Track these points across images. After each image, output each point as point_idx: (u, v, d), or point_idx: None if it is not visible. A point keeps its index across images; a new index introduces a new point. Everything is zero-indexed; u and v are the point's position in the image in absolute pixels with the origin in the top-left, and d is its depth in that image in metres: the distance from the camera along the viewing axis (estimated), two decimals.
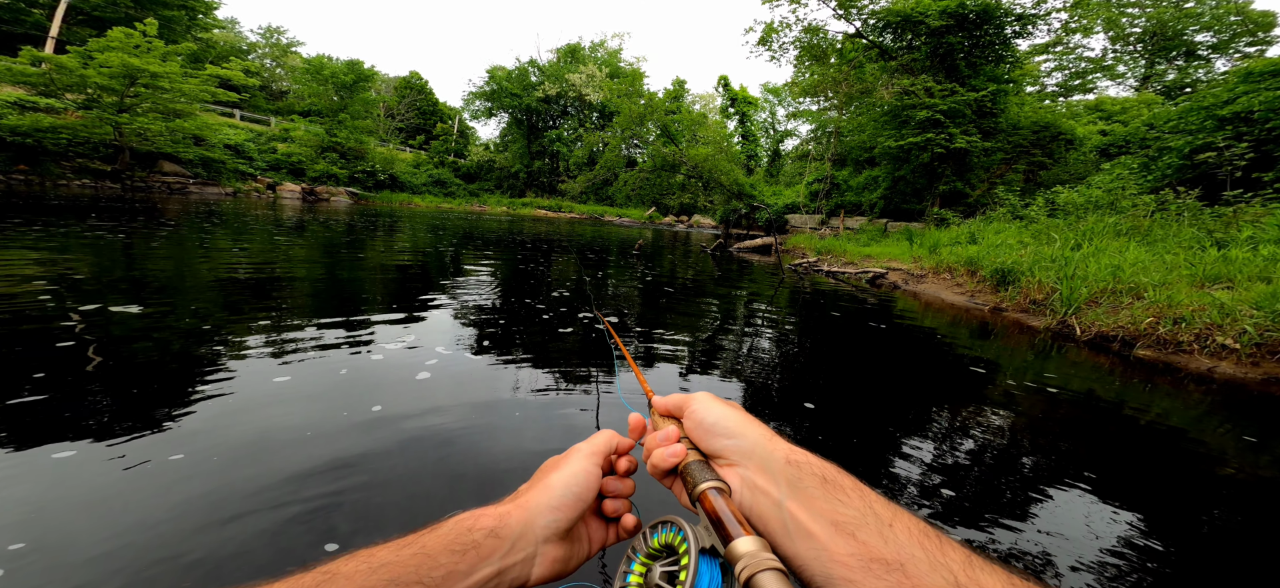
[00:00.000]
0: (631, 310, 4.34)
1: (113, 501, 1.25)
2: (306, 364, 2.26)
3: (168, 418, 1.67)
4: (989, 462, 1.99)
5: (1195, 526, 1.64)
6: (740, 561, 0.30)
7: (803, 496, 0.35)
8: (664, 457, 0.43)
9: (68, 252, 4.37)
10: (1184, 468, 2.09)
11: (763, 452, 0.39)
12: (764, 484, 0.37)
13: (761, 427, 0.41)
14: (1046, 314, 4.90)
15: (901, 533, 0.31)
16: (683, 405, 0.46)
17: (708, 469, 0.40)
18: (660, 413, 0.49)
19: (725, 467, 0.41)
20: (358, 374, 2.21)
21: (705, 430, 0.43)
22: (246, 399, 1.86)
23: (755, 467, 0.39)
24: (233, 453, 1.50)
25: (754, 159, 36.89)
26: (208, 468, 1.42)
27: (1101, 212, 7.67)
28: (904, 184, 15.18)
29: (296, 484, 1.36)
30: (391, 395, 2.01)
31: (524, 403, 2.08)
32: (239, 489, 1.33)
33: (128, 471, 1.37)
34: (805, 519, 0.34)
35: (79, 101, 15.11)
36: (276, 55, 37.95)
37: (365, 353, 2.49)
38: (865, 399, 2.62)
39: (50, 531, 1.14)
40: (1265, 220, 5.77)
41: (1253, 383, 3.30)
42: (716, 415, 0.43)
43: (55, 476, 1.33)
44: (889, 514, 0.33)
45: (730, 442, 0.41)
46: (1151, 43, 24.25)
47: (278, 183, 21.83)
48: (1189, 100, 11.08)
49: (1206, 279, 4.56)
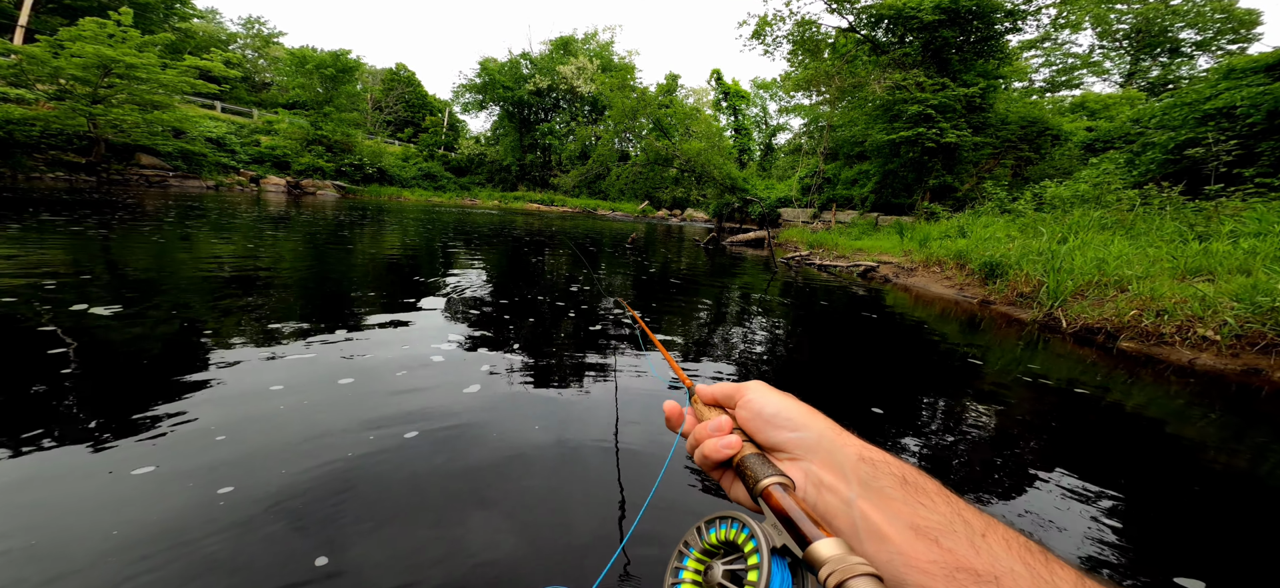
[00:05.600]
0: (630, 302, 4.31)
1: (115, 507, 1.19)
2: (300, 365, 2.20)
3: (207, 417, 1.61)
4: (976, 451, 2.00)
5: (1173, 513, 1.66)
6: (825, 565, 0.27)
7: (877, 496, 0.32)
8: (717, 448, 0.39)
9: (47, 248, 4.21)
10: (1164, 458, 2.12)
11: (831, 446, 0.36)
12: (832, 481, 0.35)
13: (827, 420, 0.38)
14: (1034, 307, 4.96)
15: (996, 544, 0.28)
16: (734, 395, 0.43)
17: (768, 463, 0.37)
18: (706, 402, 0.46)
19: (786, 461, 0.38)
20: (370, 363, 2.15)
21: (763, 422, 0.40)
22: (253, 395, 1.80)
23: (822, 462, 0.36)
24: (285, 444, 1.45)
25: (747, 153, 36.90)
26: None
27: (1087, 206, 7.77)
28: (895, 178, 15.28)
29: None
30: (410, 383, 1.96)
31: (535, 396, 2.04)
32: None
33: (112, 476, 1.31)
34: (879, 521, 0.31)
35: (51, 92, 14.59)
36: (258, 46, 37.01)
37: (365, 351, 2.43)
38: (857, 389, 2.62)
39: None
40: (1245, 214, 5.89)
41: (1232, 374, 3.36)
42: (777, 406, 0.40)
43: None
44: (981, 524, 0.30)
45: (794, 435, 0.38)
46: (1137, 39, 24.60)
47: (261, 176, 21.33)
48: (1173, 96, 11.27)
49: (1188, 272, 4.64)
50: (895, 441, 2.01)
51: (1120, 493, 1.73)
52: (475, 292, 4.18)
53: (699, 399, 0.47)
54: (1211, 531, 1.60)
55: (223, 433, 1.56)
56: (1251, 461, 2.18)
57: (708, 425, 0.42)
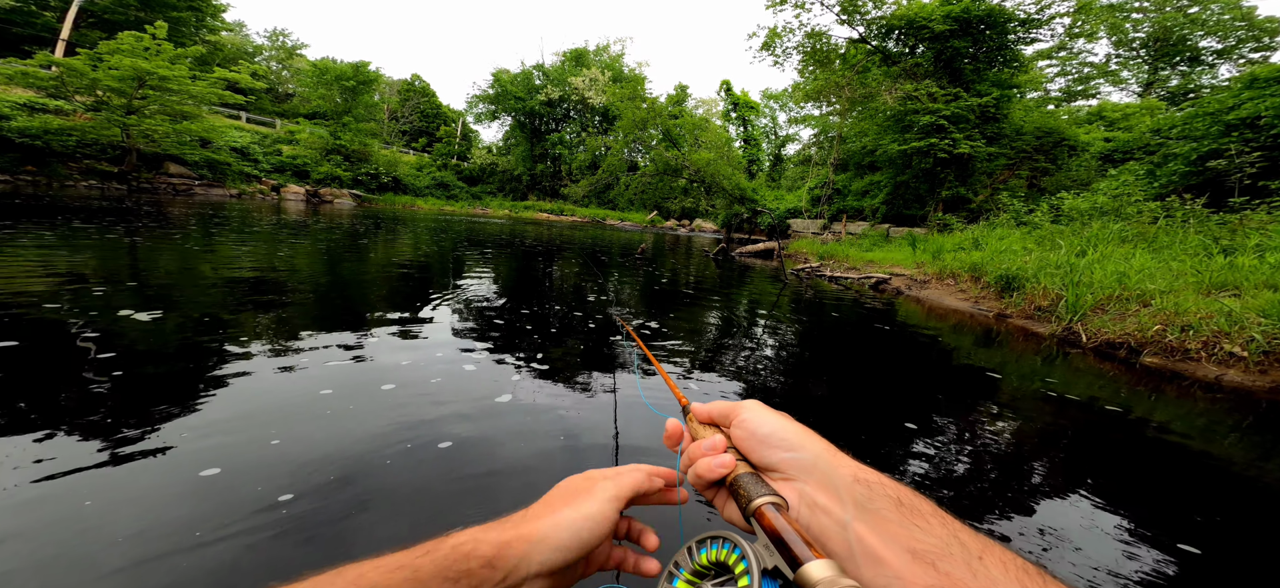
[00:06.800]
0: (637, 313, 4.35)
1: (144, 500, 1.26)
2: (343, 371, 2.27)
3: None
4: (994, 466, 1.97)
5: (1201, 534, 1.63)
6: (817, 587, 0.28)
7: (872, 518, 0.32)
8: (711, 467, 0.39)
9: (79, 253, 4.40)
10: (1192, 477, 2.07)
11: (826, 467, 0.36)
12: (826, 502, 0.34)
13: (822, 441, 0.38)
14: (1052, 321, 4.87)
15: (994, 567, 0.28)
16: (730, 414, 0.43)
17: (762, 483, 0.37)
18: (701, 421, 0.46)
19: (780, 481, 0.38)
20: (372, 366, 2.22)
21: (758, 441, 0.39)
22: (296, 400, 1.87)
23: (816, 483, 0.36)
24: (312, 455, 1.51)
25: (756, 164, 36.92)
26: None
27: (1107, 218, 7.63)
28: (906, 189, 15.17)
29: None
30: (400, 394, 2.02)
31: (534, 408, 2.08)
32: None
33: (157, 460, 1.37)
34: (875, 544, 0.31)
35: (88, 103, 15.25)
36: (282, 58, 38.30)
37: (370, 356, 2.50)
38: (870, 403, 2.61)
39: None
40: (1272, 227, 5.74)
41: (1261, 391, 3.27)
42: (772, 426, 0.39)
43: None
44: (978, 546, 0.29)
45: (788, 455, 0.38)
46: (1155, 48, 24.20)
47: (282, 185, 21.96)
48: (1194, 106, 11.04)
49: (1213, 287, 4.53)
50: (918, 455, 2.00)
51: (1142, 514, 1.70)
52: (494, 301, 4.26)
53: (694, 417, 0.46)
54: (1242, 557, 1.56)
55: (277, 437, 1.65)
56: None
57: (702, 444, 0.41)
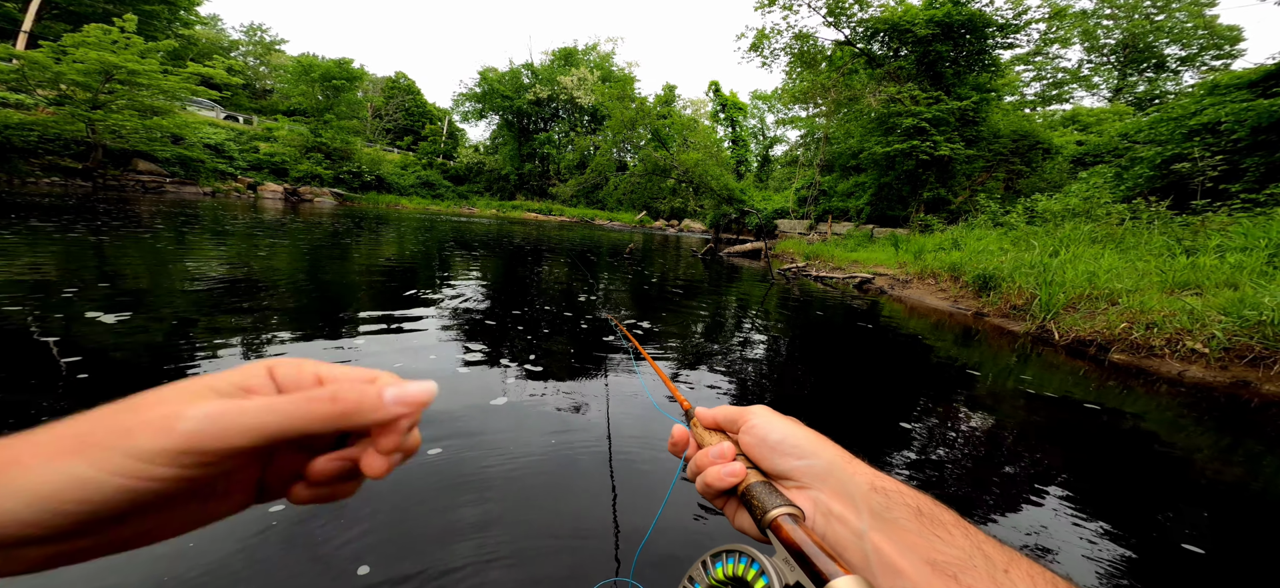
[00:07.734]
0: (628, 312, 4.34)
1: None
2: None
3: None
4: (971, 461, 2.03)
5: (1163, 523, 1.70)
6: None
7: (890, 528, 0.31)
8: (721, 476, 0.37)
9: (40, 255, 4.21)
10: (1155, 469, 2.16)
11: (841, 475, 0.34)
12: (842, 511, 0.33)
13: (836, 446, 0.37)
14: (1026, 319, 5.02)
15: (1021, 582, 0.26)
16: (737, 419, 0.41)
17: (775, 492, 0.35)
18: (706, 426, 0.43)
19: (793, 489, 0.36)
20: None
21: (768, 448, 0.38)
22: None
23: (831, 491, 0.34)
24: None
25: (744, 165, 37.26)
26: None
27: (1078, 219, 7.90)
28: (890, 191, 15.48)
29: None
30: None
31: (528, 409, 2.06)
32: None
33: None
34: (893, 555, 0.30)
35: (51, 97, 14.61)
36: (260, 53, 37.27)
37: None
38: (852, 399, 2.66)
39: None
40: (1232, 229, 6.01)
41: (1221, 386, 3.42)
42: (782, 431, 0.38)
43: None
44: (1004, 559, 0.28)
45: (801, 462, 0.36)
46: (1124, 54, 25.18)
47: (259, 183, 21.35)
48: (1159, 112, 11.52)
49: (1177, 286, 4.72)
50: (899, 452, 2.04)
51: (1109, 505, 1.77)
52: (483, 303, 4.21)
53: (698, 423, 0.44)
54: (1211, 543, 1.63)
55: None
56: (1247, 472, 2.23)
57: (710, 452, 0.40)
